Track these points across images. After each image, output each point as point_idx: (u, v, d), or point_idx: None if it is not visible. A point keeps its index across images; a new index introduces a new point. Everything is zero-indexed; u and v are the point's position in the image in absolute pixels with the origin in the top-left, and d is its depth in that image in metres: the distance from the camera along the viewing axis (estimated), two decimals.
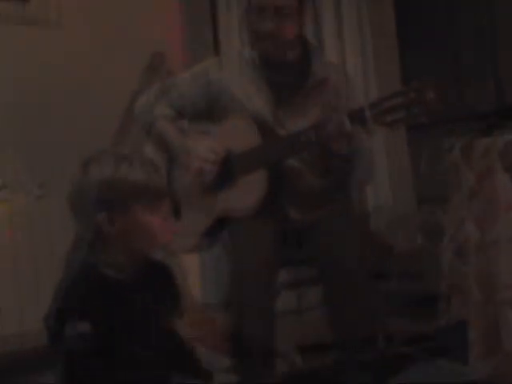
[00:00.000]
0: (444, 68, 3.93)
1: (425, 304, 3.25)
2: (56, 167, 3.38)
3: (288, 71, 2.36)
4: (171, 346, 1.65)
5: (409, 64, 4.04)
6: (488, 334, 2.33)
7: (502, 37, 3.61)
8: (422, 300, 3.38)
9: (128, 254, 1.59)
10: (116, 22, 3.66)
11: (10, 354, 3.10)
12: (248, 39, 2.41)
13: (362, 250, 2.43)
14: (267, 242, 2.25)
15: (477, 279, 2.37)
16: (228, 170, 2.34)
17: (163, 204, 1.60)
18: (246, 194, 2.31)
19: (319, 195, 2.37)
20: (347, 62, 3.64)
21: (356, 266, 2.27)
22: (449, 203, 2.51)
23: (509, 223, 2.32)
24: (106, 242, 1.56)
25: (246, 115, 2.32)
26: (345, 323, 2.28)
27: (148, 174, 1.57)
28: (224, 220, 2.36)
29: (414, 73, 3.99)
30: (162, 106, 2.44)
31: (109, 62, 3.61)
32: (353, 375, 2.36)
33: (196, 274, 3.52)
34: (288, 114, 2.35)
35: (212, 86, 2.40)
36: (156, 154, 2.44)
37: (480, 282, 2.36)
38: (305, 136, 2.17)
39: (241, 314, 2.16)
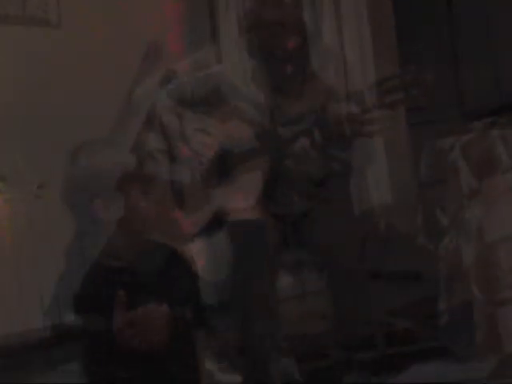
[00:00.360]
0: (443, 68, 3.93)
1: (425, 304, 3.25)
2: (56, 167, 3.38)
3: (286, 59, 2.40)
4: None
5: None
6: (488, 333, 2.33)
7: (502, 37, 3.61)
8: (421, 300, 3.38)
9: (128, 240, 1.63)
10: (115, 21, 3.66)
11: (12, 352, 3.12)
12: (248, 29, 2.47)
13: (360, 244, 2.47)
14: (266, 229, 2.36)
15: (477, 279, 2.37)
16: (225, 165, 2.43)
17: (155, 187, 1.63)
18: (245, 191, 2.41)
19: (310, 187, 2.46)
20: (345, 53, 3.59)
21: (354, 259, 2.32)
22: (449, 203, 2.51)
23: (508, 222, 2.32)
24: (104, 230, 1.60)
25: (244, 109, 2.40)
26: (344, 308, 2.33)
27: (138, 158, 1.63)
28: (225, 213, 2.45)
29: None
30: (164, 96, 2.51)
31: (108, 62, 3.61)
32: (353, 375, 2.37)
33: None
34: (286, 102, 2.39)
35: (211, 76, 2.47)
36: (158, 143, 2.48)
37: (480, 282, 2.36)
38: (304, 122, 2.26)
39: (244, 300, 2.25)
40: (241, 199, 2.44)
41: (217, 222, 2.53)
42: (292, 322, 2.84)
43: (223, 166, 2.44)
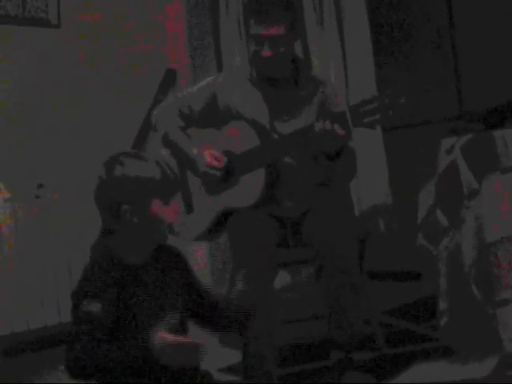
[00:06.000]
0: (442, 68, 3.94)
1: (425, 304, 3.25)
2: (56, 168, 3.38)
3: (281, 85, 2.54)
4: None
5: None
6: (488, 333, 2.33)
7: (501, 37, 3.61)
8: (421, 300, 3.38)
9: (145, 240, 1.78)
10: (115, 22, 3.67)
11: (13, 352, 3.12)
12: (249, 60, 2.60)
13: (360, 244, 2.49)
14: (266, 228, 2.41)
15: (477, 279, 2.37)
16: (230, 170, 2.52)
17: (175, 196, 1.81)
18: (247, 191, 2.48)
19: (310, 187, 2.54)
20: (331, 73, 3.77)
21: (354, 259, 2.36)
22: (449, 203, 2.51)
23: (508, 222, 2.32)
24: (125, 230, 1.76)
25: (246, 122, 2.51)
26: (344, 308, 2.34)
27: (162, 170, 1.76)
28: (228, 214, 2.53)
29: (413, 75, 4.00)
30: (175, 117, 2.63)
31: (107, 62, 3.61)
32: (353, 375, 2.37)
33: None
34: (281, 121, 2.52)
35: (216, 98, 2.58)
36: (170, 156, 2.64)
37: (480, 282, 2.36)
38: (296, 137, 2.38)
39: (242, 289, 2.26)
40: (242, 199, 2.47)
41: (219, 222, 2.56)
42: (291, 322, 2.84)
43: (230, 169, 2.52)
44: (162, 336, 1.60)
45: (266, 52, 2.41)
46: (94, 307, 1.66)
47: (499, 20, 3.60)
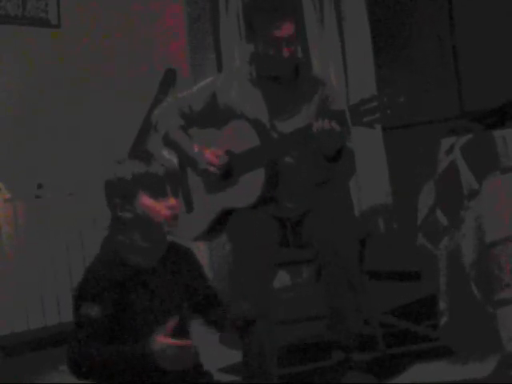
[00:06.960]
0: (442, 69, 3.94)
1: (425, 304, 3.25)
2: (56, 168, 3.38)
3: (281, 84, 2.55)
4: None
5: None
6: (488, 333, 2.33)
7: (501, 38, 3.61)
8: (421, 300, 3.38)
9: (147, 239, 1.81)
10: (115, 22, 3.66)
11: (13, 352, 3.13)
12: (252, 61, 2.58)
13: (360, 244, 2.49)
14: (266, 229, 2.41)
15: (477, 279, 2.37)
16: (230, 170, 2.51)
17: (166, 189, 1.84)
18: (246, 191, 2.48)
19: (310, 187, 2.53)
20: (331, 73, 3.78)
21: (354, 259, 2.35)
22: (449, 203, 2.51)
23: (508, 222, 2.32)
24: (124, 226, 1.80)
25: (246, 121, 2.51)
26: (344, 308, 2.34)
27: (147, 164, 1.81)
28: (228, 214, 2.53)
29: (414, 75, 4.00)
30: (175, 116, 2.64)
31: (107, 62, 3.61)
32: (353, 375, 2.37)
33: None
34: (281, 120, 2.52)
35: (216, 98, 2.58)
36: (171, 156, 2.67)
37: (480, 282, 2.36)
38: (296, 136, 2.38)
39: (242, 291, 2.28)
40: (242, 199, 2.47)
41: (219, 222, 2.56)
42: (291, 322, 2.84)
43: (230, 169, 2.52)
44: (162, 340, 1.61)
45: (287, 51, 2.42)
46: (93, 311, 1.69)
47: (499, 21, 3.60)
